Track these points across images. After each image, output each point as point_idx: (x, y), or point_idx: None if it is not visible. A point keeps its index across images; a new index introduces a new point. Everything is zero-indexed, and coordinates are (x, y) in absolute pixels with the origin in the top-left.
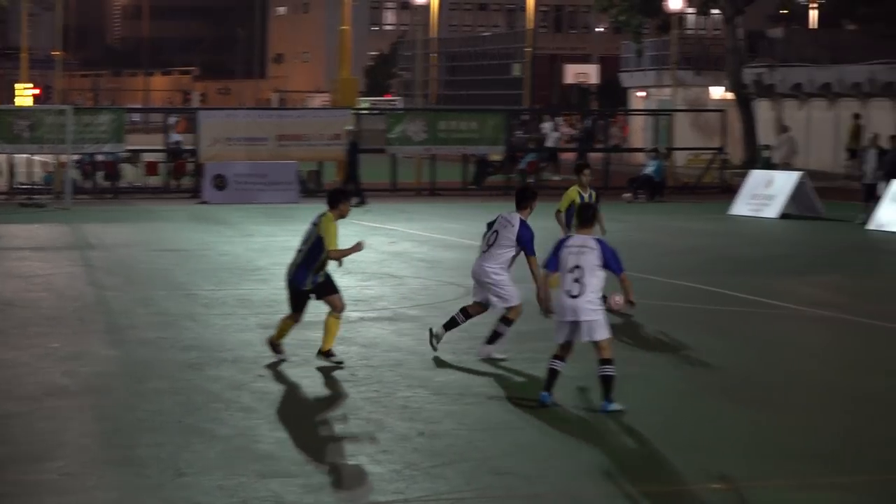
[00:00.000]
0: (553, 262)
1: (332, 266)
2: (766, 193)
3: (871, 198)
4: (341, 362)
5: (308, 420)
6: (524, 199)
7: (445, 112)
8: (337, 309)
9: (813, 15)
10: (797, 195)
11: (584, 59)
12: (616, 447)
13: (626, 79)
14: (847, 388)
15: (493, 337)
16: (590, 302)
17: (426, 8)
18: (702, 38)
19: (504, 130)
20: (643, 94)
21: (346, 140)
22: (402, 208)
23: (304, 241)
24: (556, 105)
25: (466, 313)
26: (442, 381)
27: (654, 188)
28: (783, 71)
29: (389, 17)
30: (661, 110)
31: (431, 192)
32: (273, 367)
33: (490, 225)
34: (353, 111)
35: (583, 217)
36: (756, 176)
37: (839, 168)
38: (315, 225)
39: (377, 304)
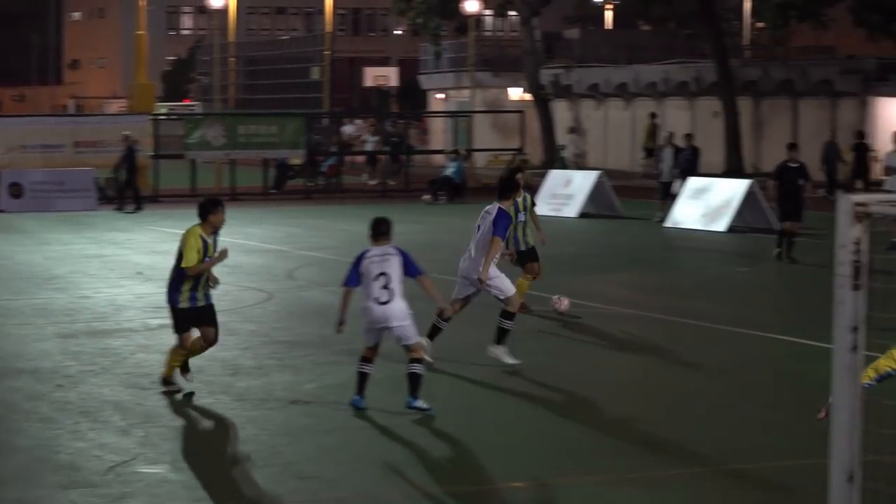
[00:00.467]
0: (353, 279)
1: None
2: (565, 193)
3: (668, 196)
4: (179, 391)
5: (110, 429)
6: (507, 190)
7: (244, 116)
8: (206, 341)
9: (608, 16)
10: (595, 194)
11: (383, 62)
12: (421, 448)
13: (425, 81)
14: (650, 383)
15: (501, 335)
16: (400, 308)
17: (223, 12)
18: (499, 40)
19: (304, 134)
20: (442, 96)
21: (124, 145)
22: None
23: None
24: (357, 108)
25: (443, 316)
26: (243, 387)
27: (454, 189)
28: (580, 71)
29: (186, 22)
30: (460, 112)
31: (232, 196)
32: (71, 376)
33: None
34: (150, 116)
35: (378, 230)
36: (555, 176)
37: (636, 167)
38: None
39: None
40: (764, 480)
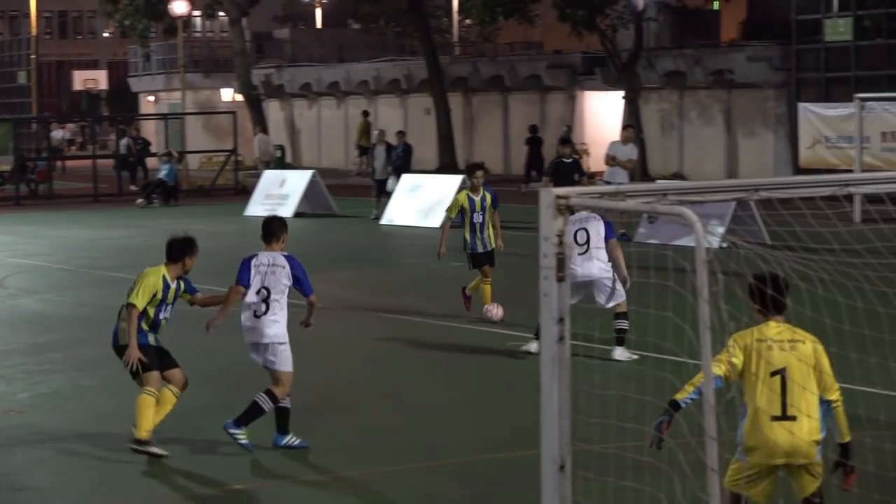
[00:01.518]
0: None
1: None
2: (280, 193)
3: (383, 193)
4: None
5: None
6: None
7: None
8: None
9: (318, 15)
10: (310, 193)
11: (92, 65)
12: (139, 459)
13: (135, 83)
14: (367, 380)
15: (621, 335)
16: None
17: None
18: (209, 41)
19: (12, 139)
20: (153, 98)
21: None
22: None
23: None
24: (66, 112)
25: None
26: None
27: (168, 192)
28: (291, 71)
29: None
30: (171, 114)
31: None
32: None
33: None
34: None
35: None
36: (269, 176)
37: (351, 165)
38: None
39: None
40: (483, 473)
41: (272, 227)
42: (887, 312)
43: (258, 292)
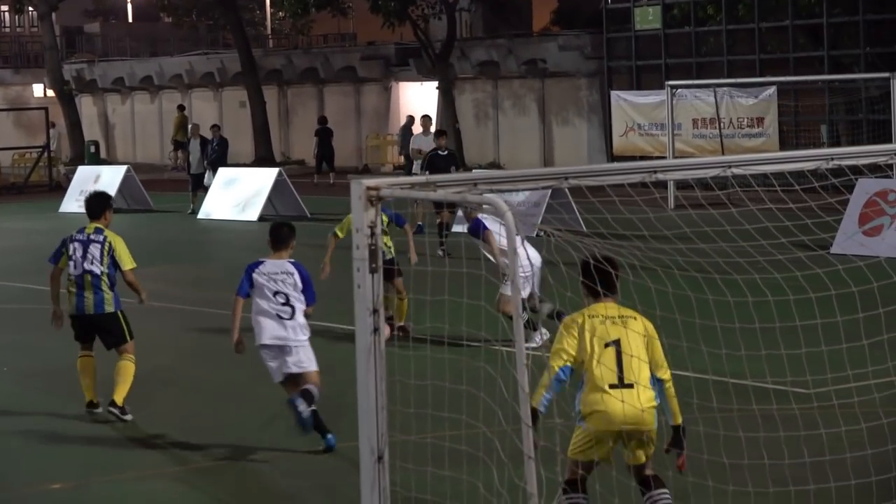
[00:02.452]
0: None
1: None
2: (94, 189)
3: (199, 187)
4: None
5: None
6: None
7: None
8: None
9: (129, 9)
10: (125, 188)
11: None
12: None
13: None
14: (185, 377)
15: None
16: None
17: None
18: (19, 36)
19: None
20: None
21: None
22: None
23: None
24: None
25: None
26: None
27: None
28: (104, 65)
29: None
30: None
31: None
32: None
33: None
34: None
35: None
36: (83, 171)
37: (166, 160)
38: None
39: None
40: (297, 466)
41: (281, 234)
42: (697, 297)
43: (275, 295)
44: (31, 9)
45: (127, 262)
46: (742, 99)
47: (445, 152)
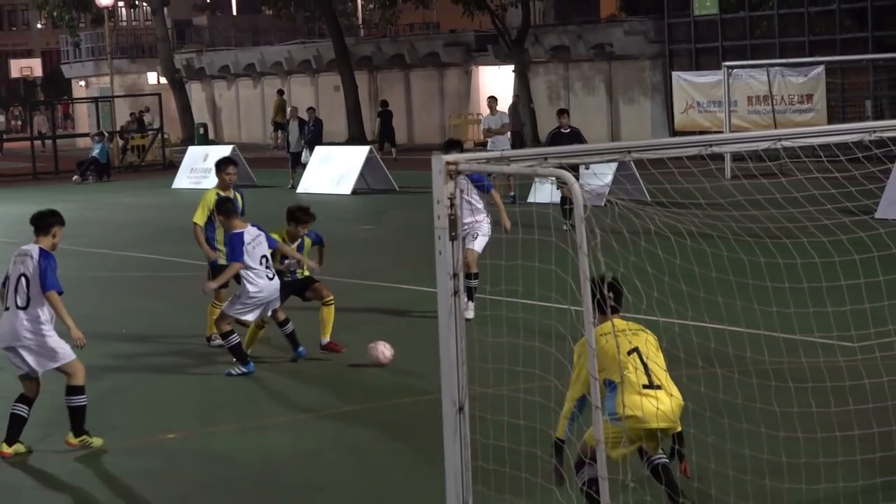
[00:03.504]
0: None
1: None
2: (203, 167)
3: (297, 165)
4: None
5: None
6: None
7: None
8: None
9: (234, 2)
10: None
11: (27, 54)
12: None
13: (67, 70)
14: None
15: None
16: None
17: None
18: (134, 29)
19: None
20: (84, 83)
21: None
22: None
23: None
24: (6, 98)
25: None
26: None
27: (101, 169)
28: (211, 55)
29: None
30: (101, 97)
31: None
32: None
33: None
34: None
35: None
36: (193, 152)
37: (268, 140)
38: None
39: None
40: (386, 418)
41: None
42: (750, 260)
43: (261, 261)
44: (145, 4)
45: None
46: (793, 77)
47: (568, 130)
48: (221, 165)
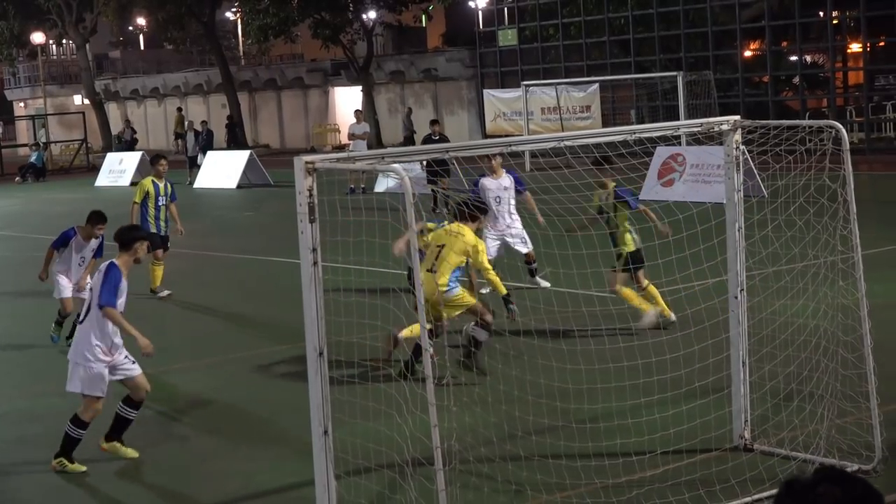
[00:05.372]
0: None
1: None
2: (119, 169)
3: (194, 166)
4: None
5: None
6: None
7: None
8: None
9: (141, 39)
10: (141, 168)
11: None
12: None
13: (10, 94)
14: (176, 311)
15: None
16: None
17: None
18: (63, 61)
19: None
20: (23, 104)
21: None
22: None
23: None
24: None
25: None
26: None
27: (38, 172)
28: (124, 81)
29: None
30: (37, 115)
31: None
32: None
33: None
34: None
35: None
36: (111, 157)
37: (170, 147)
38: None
39: None
40: (262, 363)
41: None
42: (542, 234)
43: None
44: (70, 41)
45: None
46: (575, 93)
47: (437, 137)
48: (154, 160)
